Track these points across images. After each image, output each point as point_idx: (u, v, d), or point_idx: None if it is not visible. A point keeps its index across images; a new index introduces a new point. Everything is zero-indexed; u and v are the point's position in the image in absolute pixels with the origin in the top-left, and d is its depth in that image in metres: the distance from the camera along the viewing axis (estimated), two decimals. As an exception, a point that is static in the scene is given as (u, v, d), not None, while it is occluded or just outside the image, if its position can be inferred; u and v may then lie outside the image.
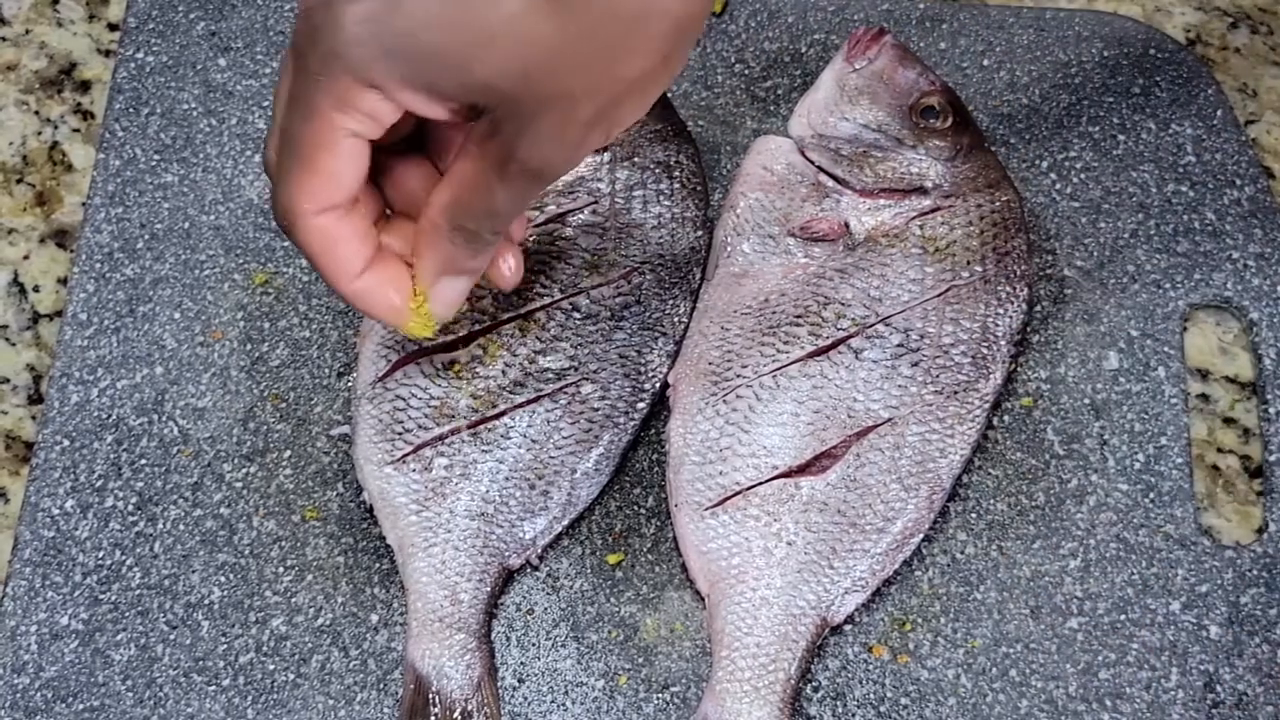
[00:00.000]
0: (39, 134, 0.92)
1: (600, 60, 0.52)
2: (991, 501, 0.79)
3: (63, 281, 0.87)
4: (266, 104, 0.89)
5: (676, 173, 0.82)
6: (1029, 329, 0.83)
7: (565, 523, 0.77)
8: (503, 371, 0.76)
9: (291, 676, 0.74)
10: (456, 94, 0.52)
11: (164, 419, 0.80)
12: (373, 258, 0.60)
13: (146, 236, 0.85)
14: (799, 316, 0.78)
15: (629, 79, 0.53)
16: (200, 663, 0.74)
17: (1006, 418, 0.81)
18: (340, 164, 0.55)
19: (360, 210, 0.59)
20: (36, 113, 0.93)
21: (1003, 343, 0.79)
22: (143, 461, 0.79)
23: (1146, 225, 0.87)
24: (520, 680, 0.75)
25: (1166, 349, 0.83)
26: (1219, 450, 0.83)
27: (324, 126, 0.54)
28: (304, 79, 0.54)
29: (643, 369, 0.78)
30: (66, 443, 0.79)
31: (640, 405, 0.78)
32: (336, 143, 0.55)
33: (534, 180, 0.55)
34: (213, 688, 0.74)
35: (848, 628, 0.76)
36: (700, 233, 0.82)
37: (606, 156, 0.81)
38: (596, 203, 0.80)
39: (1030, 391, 0.82)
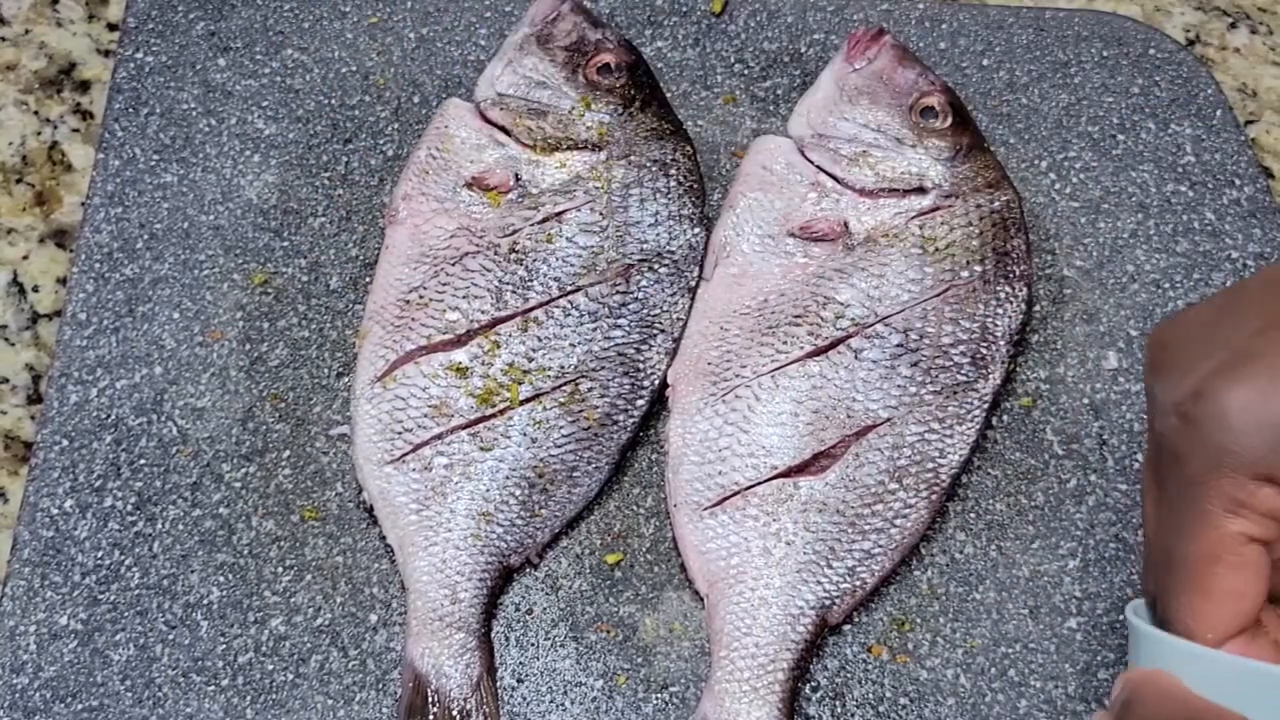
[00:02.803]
0: (38, 134, 0.92)
1: None
2: (990, 501, 0.79)
3: (62, 281, 0.87)
4: (265, 104, 0.89)
5: (673, 170, 0.82)
6: (1028, 329, 0.83)
7: (564, 521, 0.77)
8: (502, 370, 0.76)
9: (290, 676, 0.74)
10: None
11: (163, 419, 0.80)
12: None
13: (146, 236, 0.85)
14: (798, 316, 0.78)
15: None
16: (199, 663, 0.74)
17: (1006, 418, 0.81)
18: (1240, 578, 0.49)
19: (1267, 636, 0.50)
20: (36, 113, 0.93)
21: (1002, 343, 0.79)
22: (142, 461, 0.79)
23: (1146, 225, 0.87)
24: (519, 680, 0.75)
25: (1166, 349, 0.83)
26: (1218, 450, 0.83)
27: (1215, 537, 0.48)
28: (1181, 485, 0.49)
29: (641, 366, 0.78)
30: (65, 443, 0.79)
31: (639, 402, 0.78)
32: (1233, 552, 0.48)
33: None
34: (211, 688, 0.74)
35: (847, 628, 0.76)
36: (697, 229, 0.82)
37: (603, 155, 0.81)
38: (594, 201, 0.80)
39: (1029, 391, 0.82)
